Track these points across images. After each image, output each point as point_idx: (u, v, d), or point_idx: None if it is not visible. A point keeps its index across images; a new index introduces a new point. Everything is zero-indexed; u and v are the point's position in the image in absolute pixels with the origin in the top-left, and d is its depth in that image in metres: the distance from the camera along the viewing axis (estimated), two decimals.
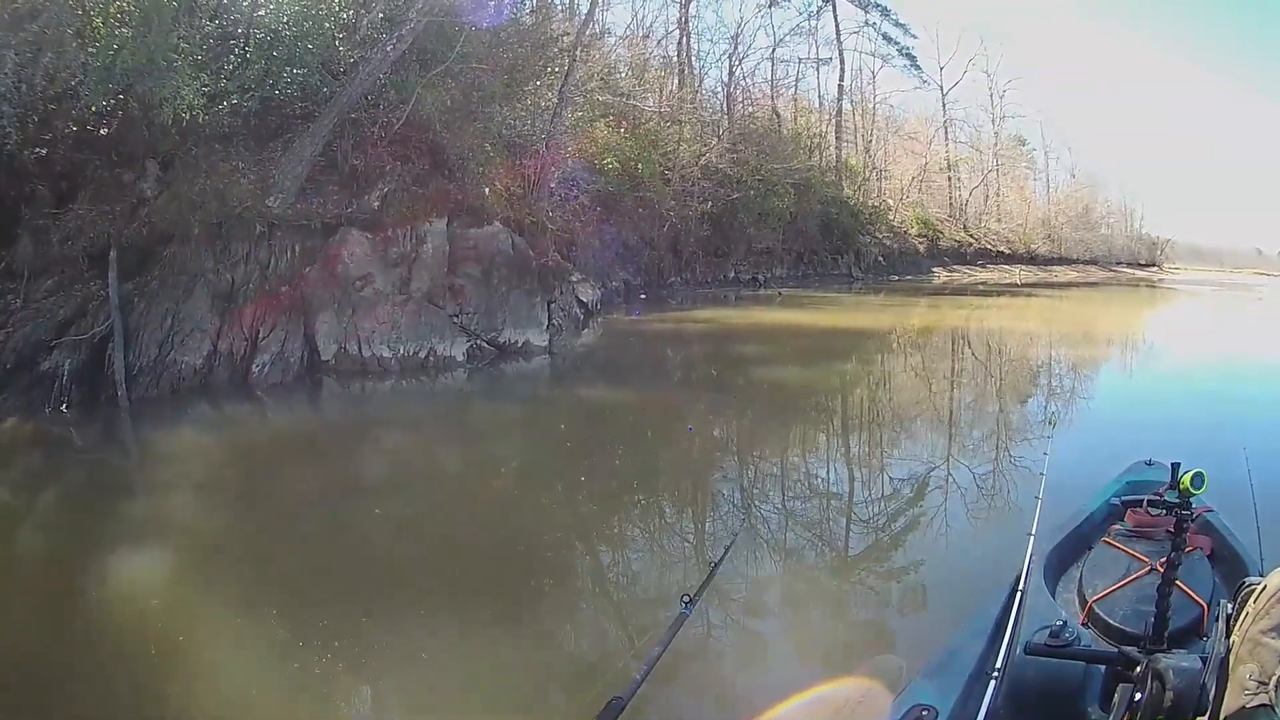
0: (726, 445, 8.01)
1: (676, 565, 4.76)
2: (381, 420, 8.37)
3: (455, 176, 10.97)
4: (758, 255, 27.55)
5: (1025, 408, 9.78)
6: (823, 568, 4.83)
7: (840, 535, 5.43)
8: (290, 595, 4.07)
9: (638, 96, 22.53)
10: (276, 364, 9.17)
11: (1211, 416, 8.56)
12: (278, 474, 6.32)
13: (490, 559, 4.58)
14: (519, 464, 6.80)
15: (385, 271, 9.91)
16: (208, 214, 9.02)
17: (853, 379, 11.53)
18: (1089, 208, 56.60)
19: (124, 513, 5.29)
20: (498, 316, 10.63)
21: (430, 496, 5.79)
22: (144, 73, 8.18)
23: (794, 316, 17.99)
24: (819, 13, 35.65)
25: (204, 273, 9.08)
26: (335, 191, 10.23)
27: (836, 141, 34.17)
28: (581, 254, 18.23)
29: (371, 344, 9.50)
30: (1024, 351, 14.87)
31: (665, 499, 6.17)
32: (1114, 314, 25.68)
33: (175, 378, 8.49)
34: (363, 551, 4.62)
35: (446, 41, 10.41)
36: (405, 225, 10.27)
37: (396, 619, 3.80)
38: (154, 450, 6.96)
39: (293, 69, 9.54)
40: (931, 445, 7.89)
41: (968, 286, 32.82)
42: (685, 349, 13.66)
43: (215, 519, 5.21)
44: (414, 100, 10.06)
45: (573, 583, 4.50)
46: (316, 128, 9.78)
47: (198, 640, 3.54)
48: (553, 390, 10.21)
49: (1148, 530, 2.91)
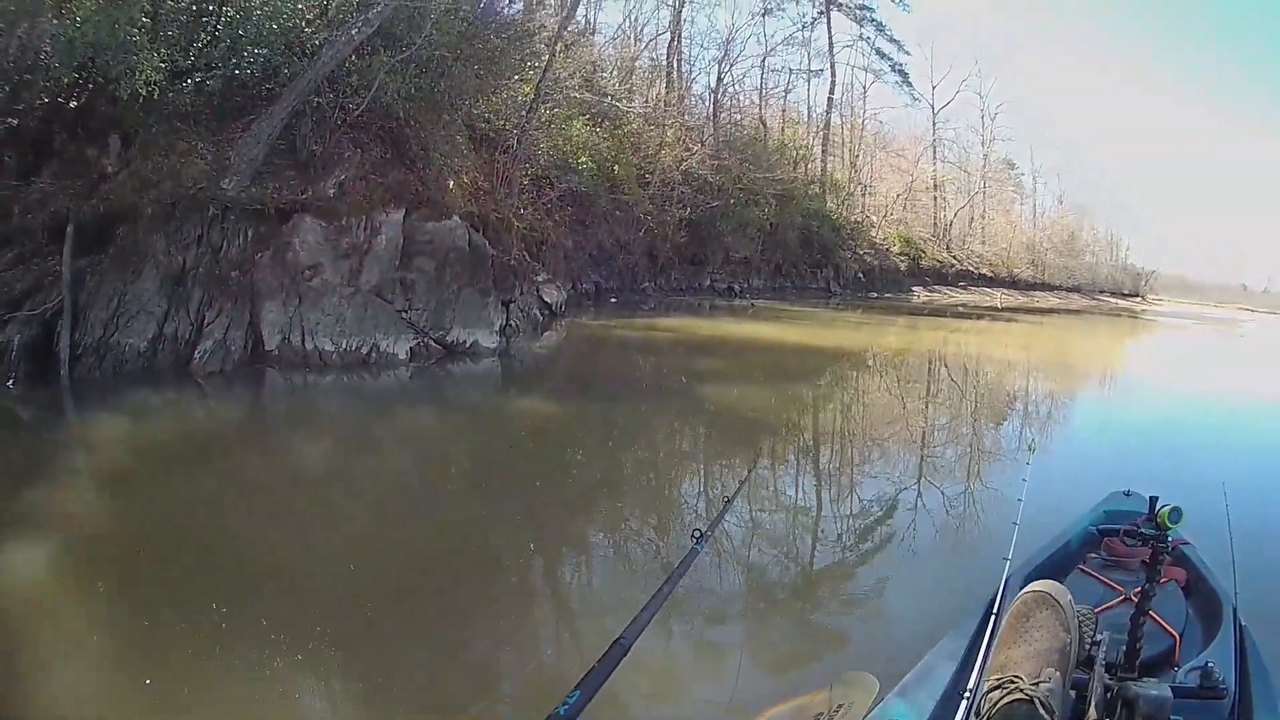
0: (657, 469, 7.36)
1: (584, 602, 4.52)
2: (305, 418, 8.08)
3: (417, 167, 10.70)
4: (735, 265, 27.42)
5: (1002, 436, 9.65)
6: (792, 587, 4.77)
7: (808, 557, 5.35)
8: (159, 596, 3.86)
9: (619, 96, 22.28)
10: (218, 351, 8.92)
11: (1192, 450, 8.59)
12: (187, 468, 6.04)
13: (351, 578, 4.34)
14: (419, 476, 6.45)
15: (335, 262, 9.63)
16: (161, 193, 8.83)
17: (814, 404, 10.92)
18: (1075, 235, 56.86)
19: (18, 497, 5.01)
20: (446, 315, 10.30)
21: (324, 502, 5.53)
22: (104, 47, 8.02)
23: (765, 330, 17.78)
24: (813, 24, 35.67)
25: (154, 253, 8.87)
26: (292, 177, 9.94)
27: (823, 154, 34.17)
28: (552, 254, 18.01)
29: (315, 336, 9.22)
30: (1000, 380, 14.71)
31: (570, 526, 5.64)
32: (1095, 343, 25.66)
33: (119, 359, 8.33)
34: (238, 558, 4.40)
35: (416, 28, 10.15)
36: (361, 215, 10.00)
37: (255, 623, 3.62)
38: (75, 433, 6.79)
39: (255, 48, 9.26)
40: (903, 471, 7.62)
41: (947, 308, 32.75)
42: (643, 358, 13.13)
43: (109, 511, 5.02)
44: (376, 86, 9.77)
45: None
46: (275, 109, 9.50)
47: (48, 639, 3.37)
48: (489, 397, 9.68)
49: (1123, 560, 2.98)
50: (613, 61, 25.55)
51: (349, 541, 4.79)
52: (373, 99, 9.89)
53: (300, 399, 8.61)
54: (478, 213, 12.42)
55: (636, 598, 1.99)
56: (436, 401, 9.13)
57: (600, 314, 18.64)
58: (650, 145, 23.98)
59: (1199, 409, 12.29)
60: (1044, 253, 52.54)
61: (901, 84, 40.17)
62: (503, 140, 14.35)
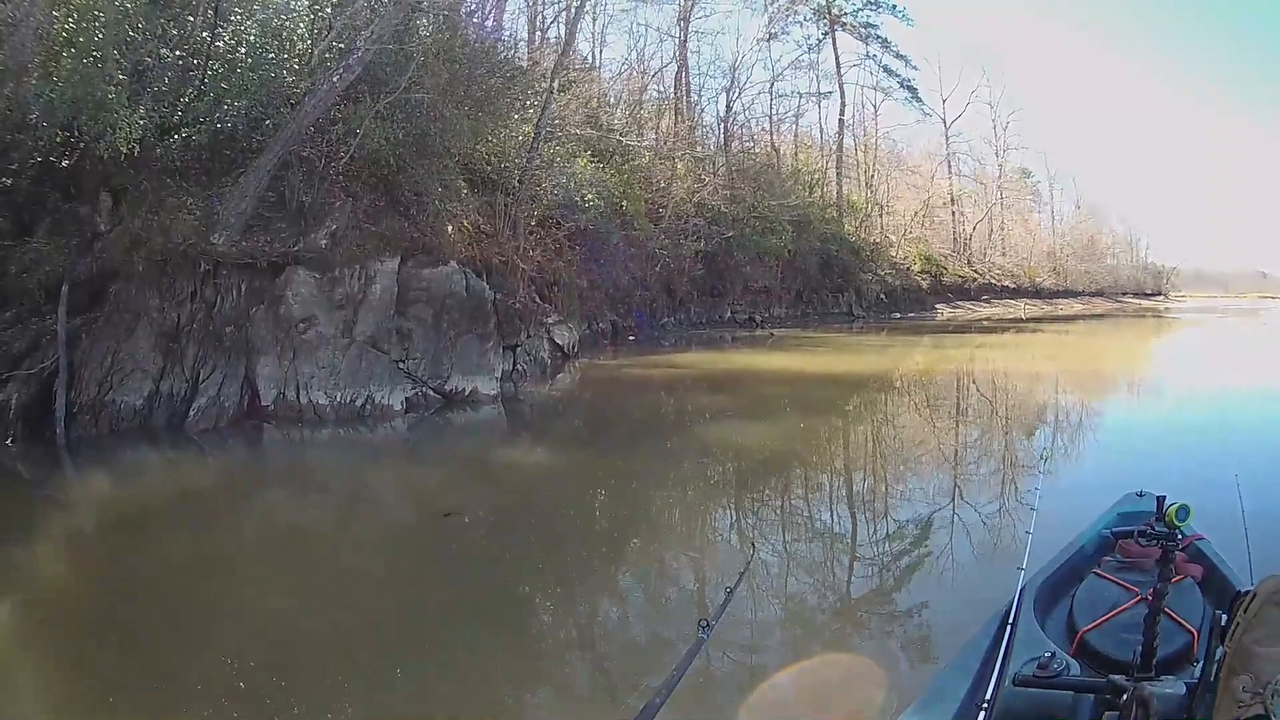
0: (649, 535, 6.33)
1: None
2: (285, 477, 7.71)
3: (411, 214, 10.45)
4: (755, 294, 27.04)
5: (1018, 449, 9.30)
6: (815, 606, 4.73)
7: (830, 576, 5.28)
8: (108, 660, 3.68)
9: (625, 131, 22.08)
10: (211, 408, 8.72)
11: (1206, 447, 8.54)
12: (162, 531, 5.82)
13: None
14: (389, 542, 5.86)
15: (329, 314, 9.36)
16: (151, 250, 8.81)
17: (828, 449, 9.68)
18: (1094, 239, 56.64)
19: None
20: (444, 363, 9.93)
21: (286, 573, 5.12)
22: (82, 106, 8.06)
23: (782, 361, 17.09)
24: (819, 45, 35.56)
25: (148, 311, 8.85)
26: (284, 229, 9.73)
27: (838, 177, 33.81)
28: (565, 295, 17.71)
29: (309, 390, 8.93)
30: (1024, 395, 14.07)
31: (543, 614, 4.90)
32: (1116, 348, 25.00)
33: (114, 418, 8.29)
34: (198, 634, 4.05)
35: (403, 71, 9.97)
36: (355, 264, 9.76)
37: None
38: (61, 491, 6.72)
39: (236, 101, 9.14)
40: (922, 497, 7.20)
41: (971, 323, 32.19)
42: (651, 399, 12.42)
43: (74, 573, 4.87)
44: (362, 133, 9.56)
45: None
46: (261, 162, 9.33)
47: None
48: (480, 450, 8.88)
49: (1138, 561, 2.94)
50: (619, 96, 25.45)
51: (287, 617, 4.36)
52: (360, 146, 9.67)
53: (286, 456, 8.28)
54: (479, 257, 12.14)
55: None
56: (416, 459, 8.46)
57: (617, 353, 18.25)
58: (661, 179, 23.76)
59: (1214, 405, 12.14)
60: (1065, 259, 52.37)
61: (911, 100, 39.94)
62: (504, 181, 14.09)
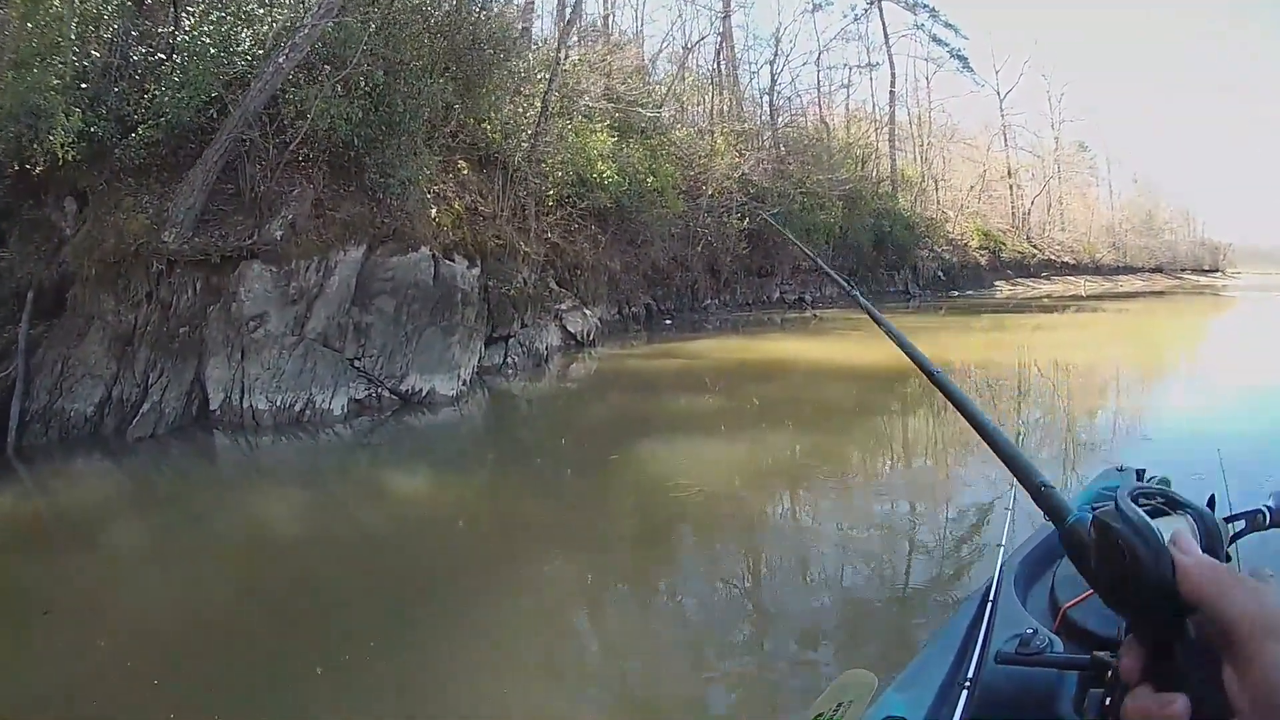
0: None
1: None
2: (171, 499, 6.74)
3: (379, 198, 9.66)
4: (805, 274, 25.63)
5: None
6: (786, 583, 4.64)
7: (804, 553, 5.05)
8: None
9: (652, 103, 20.88)
10: (152, 415, 8.18)
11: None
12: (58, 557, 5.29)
13: None
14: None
15: (281, 310, 8.67)
16: (105, 252, 8.56)
17: (844, 514, 6.48)
18: (1152, 214, 55.21)
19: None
20: (398, 360, 9.08)
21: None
22: (16, 115, 7.87)
23: (826, 349, 15.25)
24: (865, 15, 33.87)
25: (102, 314, 8.52)
26: (239, 221, 9.11)
27: (890, 150, 31.97)
28: (590, 277, 16.84)
29: (252, 394, 8.26)
30: (1085, 381, 12.69)
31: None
32: (1179, 328, 23.88)
33: (65, 425, 7.99)
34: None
35: (353, 47, 9.17)
36: (315, 255, 9.03)
37: None
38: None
39: (183, 92, 8.65)
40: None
41: (1031, 301, 30.78)
42: (651, 399, 10.51)
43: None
44: (313, 113, 8.80)
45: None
46: (208, 153, 8.73)
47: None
48: (377, 470, 7.35)
49: None
50: (654, 69, 24.31)
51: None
52: (312, 127, 8.90)
53: (201, 470, 7.59)
54: (471, 240, 11.32)
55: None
56: (278, 481, 7.18)
57: (648, 338, 17.21)
58: (699, 154, 22.56)
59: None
60: (1124, 235, 51.14)
61: (963, 69, 38.03)
62: (505, 159, 13.17)
